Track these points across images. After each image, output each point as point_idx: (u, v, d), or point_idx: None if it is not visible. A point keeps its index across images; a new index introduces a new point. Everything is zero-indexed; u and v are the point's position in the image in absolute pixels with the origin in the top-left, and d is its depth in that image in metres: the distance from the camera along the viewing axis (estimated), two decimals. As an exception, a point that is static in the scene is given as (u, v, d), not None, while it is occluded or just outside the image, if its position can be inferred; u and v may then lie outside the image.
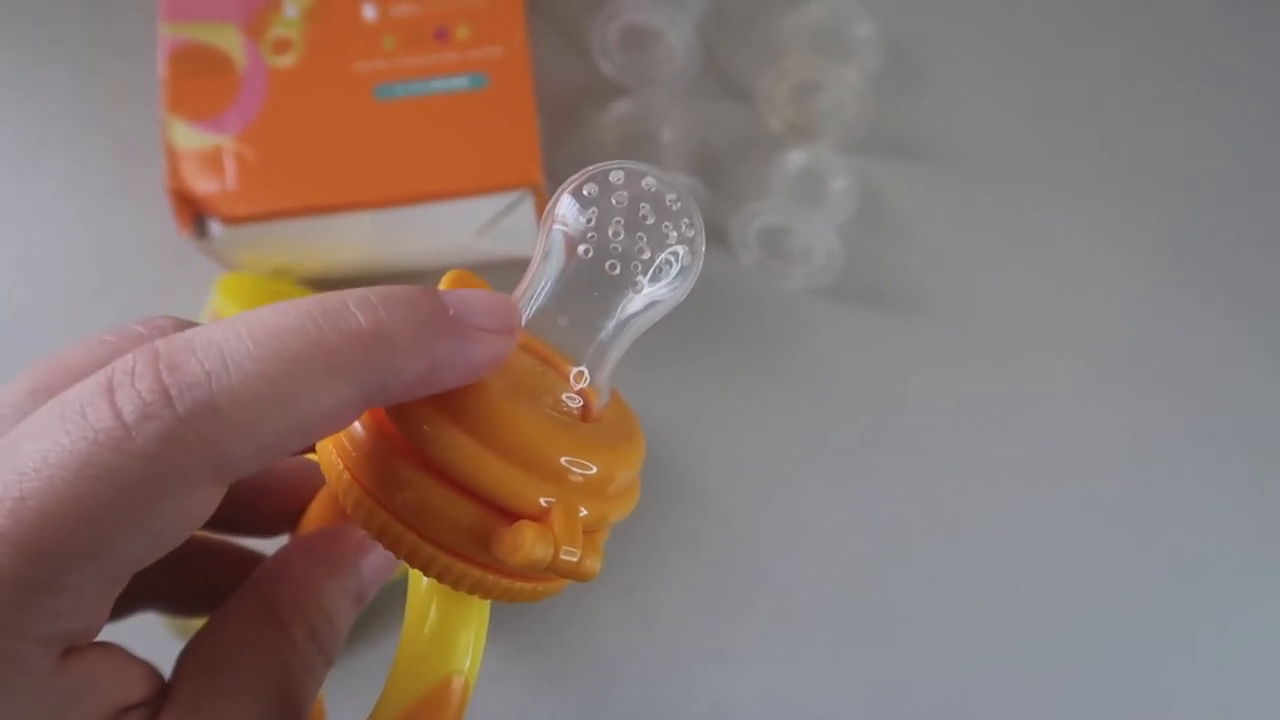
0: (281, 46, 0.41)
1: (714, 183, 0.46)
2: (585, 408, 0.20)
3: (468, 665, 0.20)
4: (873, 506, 0.44)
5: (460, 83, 0.41)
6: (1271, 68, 0.49)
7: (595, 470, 0.19)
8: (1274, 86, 0.49)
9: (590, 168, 0.20)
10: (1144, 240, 0.47)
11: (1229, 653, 0.43)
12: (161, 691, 0.18)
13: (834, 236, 0.44)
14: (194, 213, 0.40)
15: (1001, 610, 0.43)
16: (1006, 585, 0.43)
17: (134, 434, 0.15)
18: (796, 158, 0.46)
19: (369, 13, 0.42)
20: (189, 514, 0.16)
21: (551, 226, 0.20)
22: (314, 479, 0.23)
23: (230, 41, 0.41)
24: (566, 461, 0.18)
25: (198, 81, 0.41)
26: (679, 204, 0.20)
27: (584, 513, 0.18)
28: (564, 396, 0.20)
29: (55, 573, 0.15)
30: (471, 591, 0.19)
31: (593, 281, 0.20)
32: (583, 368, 0.20)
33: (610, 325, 0.20)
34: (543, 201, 0.41)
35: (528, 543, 0.17)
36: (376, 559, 0.21)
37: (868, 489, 0.44)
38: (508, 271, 0.46)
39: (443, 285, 0.20)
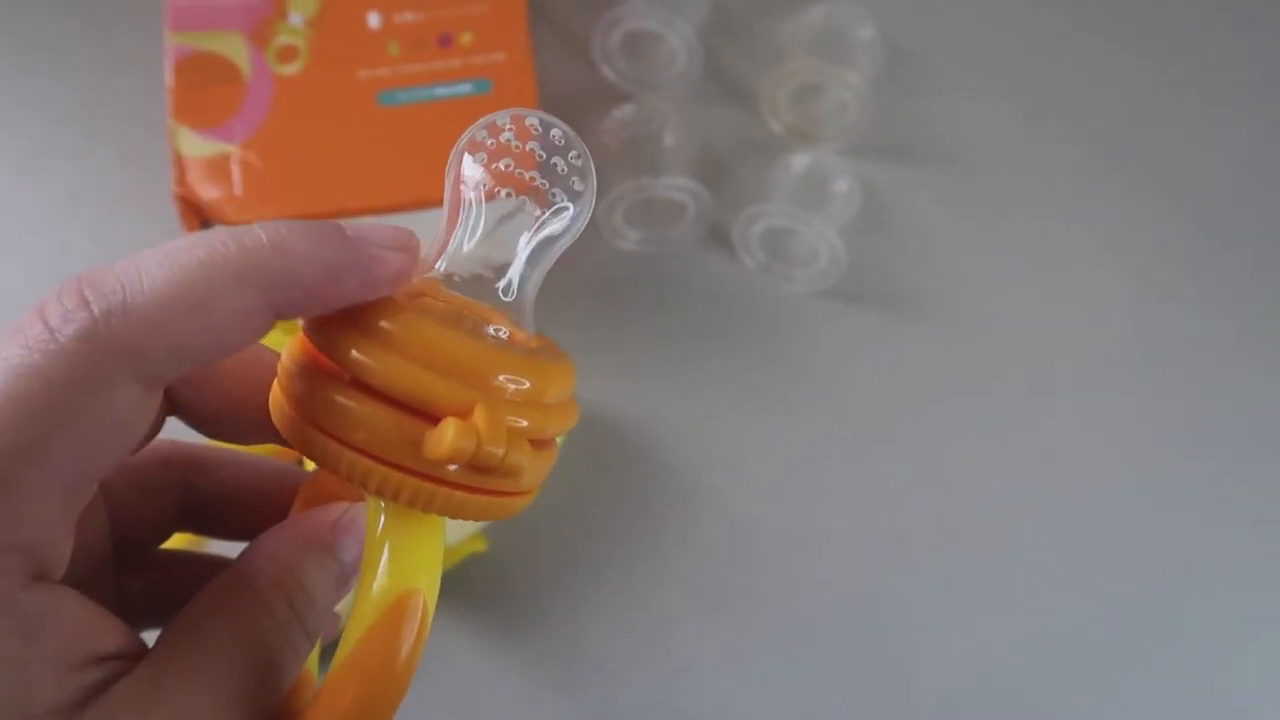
0: (287, 54, 0.42)
1: (716, 187, 0.46)
2: (511, 337, 0.21)
3: (423, 583, 0.20)
4: (877, 509, 0.44)
5: (464, 89, 0.41)
6: (1271, 72, 0.49)
7: (527, 384, 0.20)
8: (1274, 91, 0.49)
9: (481, 119, 0.21)
10: (1145, 241, 0.47)
11: (1235, 654, 0.43)
12: (138, 652, 0.19)
13: (837, 239, 0.44)
14: (201, 219, 0.40)
15: (1009, 612, 0.43)
16: (1013, 586, 0.43)
17: (57, 335, 0.17)
18: (798, 161, 0.46)
19: (373, 20, 0.42)
20: (118, 414, 0.18)
21: (455, 183, 0.22)
22: (294, 479, 0.24)
23: (236, 50, 0.42)
24: (497, 376, 0.19)
25: (204, 90, 0.41)
26: (564, 139, 0.21)
27: (524, 423, 0.19)
28: (490, 328, 0.21)
29: (2, 470, 0.17)
30: (412, 503, 0.19)
31: (496, 222, 0.21)
32: (503, 307, 0.21)
33: (521, 262, 0.21)
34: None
35: (450, 435, 0.18)
36: (355, 540, 0.21)
37: (872, 491, 0.44)
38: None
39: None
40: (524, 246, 0.22)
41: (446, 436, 0.18)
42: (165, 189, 0.41)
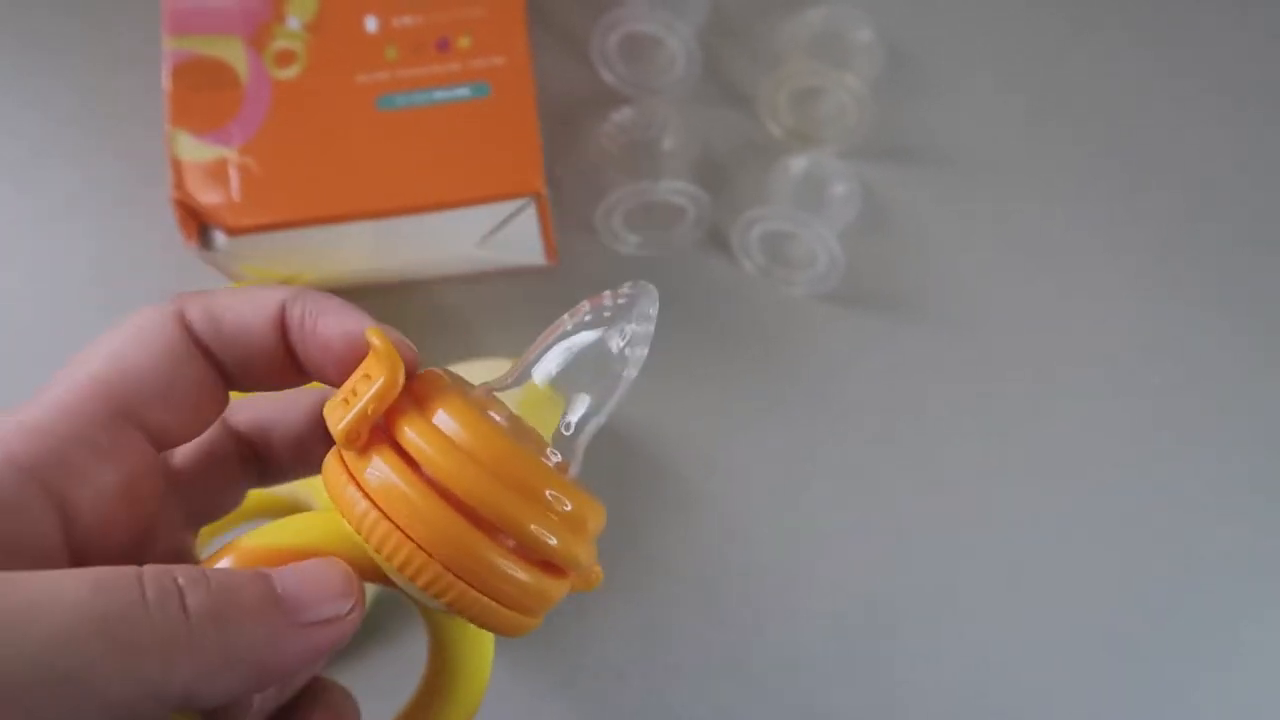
0: (284, 58, 0.42)
1: (715, 190, 0.46)
2: (560, 467, 0.22)
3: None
4: (879, 512, 0.44)
5: (462, 92, 0.41)
6: (1272, 68, 0.49)
7: (570, 507, 0.21)
8: (1275, 87, 0.49)
9: (625, 289, 0.23)
10: (1146, 242, 0.47)
11: (1242, 656, 0.43)
12: None
13: (836, 242, 0.44)
14: (199, 224, 0.40)
15: (1010, 614, 0.43)
16: (1014, 589, 0.43)
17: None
18: (798, 164, 0.46)
19: (371, 24, 0.42)
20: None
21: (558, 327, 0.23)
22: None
23: (234, 54, 0.42)
24: (546, 491, 0.21)
25: (202, 94, 0.41)
26: (652, 308, 0.23)
27: (553, 541, 0.21)
28: (547, 451, 0.22)
29: None
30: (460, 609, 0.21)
31: (574, 359, 0.23)
32: (557, 450, 0.23)
33: (591, 408, 0.23)
34: (545, 210, 0.41)
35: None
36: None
37: (873, 495, 0.44)
38: (509, 280, 0.46)
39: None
40: (595, 387, 0.23)
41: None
42: (163, 192, 0.41)
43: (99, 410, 0.21)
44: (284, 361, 0.23)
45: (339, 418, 0.20)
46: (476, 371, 0.41)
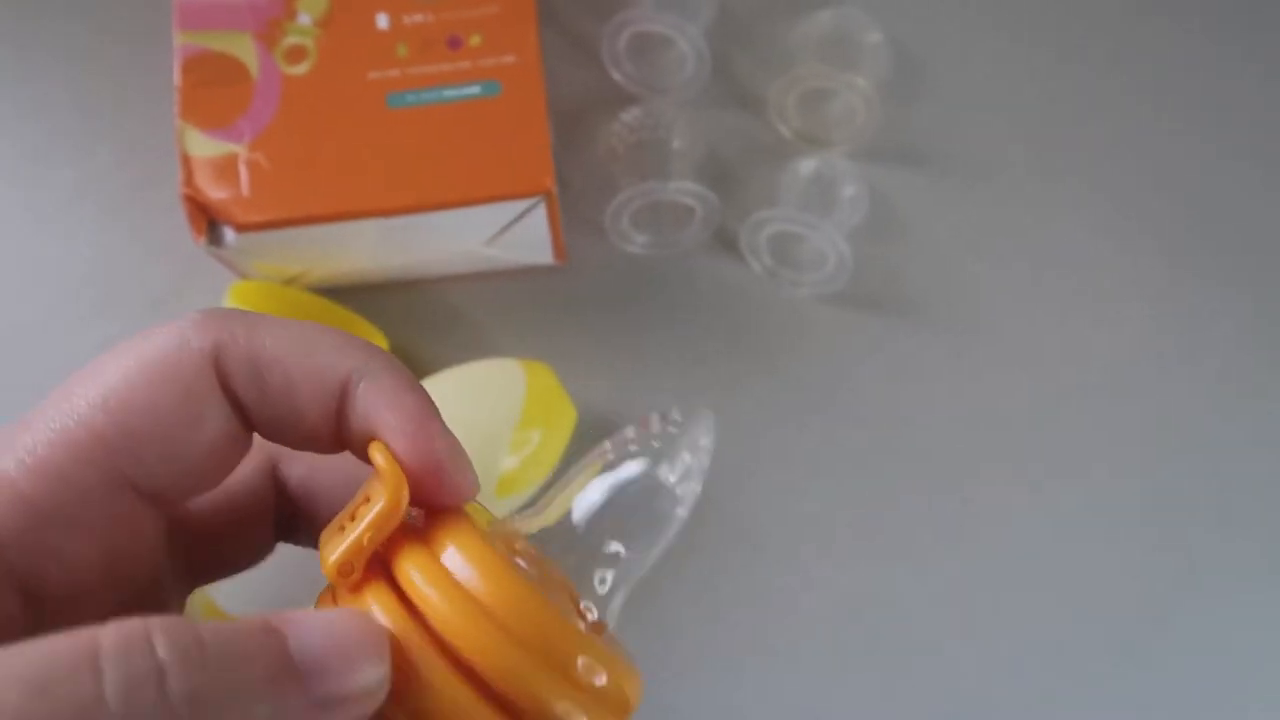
0: (295, 54, 0.41)
1: (724, 191, 0.46)
2: (594, 626, 0.19)
3: None
4: (884, 514, 0.44)
5: (473, 91, 0.41)
6: (1278, 72, 0.49)
7: (606, 680, 0.18)
8: (1282, 94, 0.49)
9: (670, 416, 0.20)
10: (1154, 245, 0.47)
11: (1244, 661, 0.43)
12: None
13: (844, 244, 0.44)
14: (208, 220, 0.40)
15: (1015, 620, 0.43)
16: (1020, 593, 0.43)
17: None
18: (806, 165, 0.46)
19: (382, 21, 0.42)
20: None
21: (608, 458, 0.20)
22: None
23: (244, 49, 0.41)
24: (579, 660, 0.17)
25: (212, 89, 0.41)
26: (705, 437, 0.20)
27: None
28: (581, 605, 0.19)
29: None
30: None
31: (621, 506, 0.20)
32: (592, 605, 0.19)
33: (636, 554, 0.20)
34: (554, 209, 0.41)
35: None
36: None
37: (878, 497, 0.44)
38: (517, 279, 0.46)
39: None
40: (646, 539, 0.20)
41: None
42: (172, 188, 0.41)
43: (88, 477, 0.17)
44: (332, 438, 0.18)
45: (333, 548, 0.17)
46: (482, 372, 0.41)
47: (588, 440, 0.41)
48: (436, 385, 0.41)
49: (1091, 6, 0.50)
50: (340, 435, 0.18)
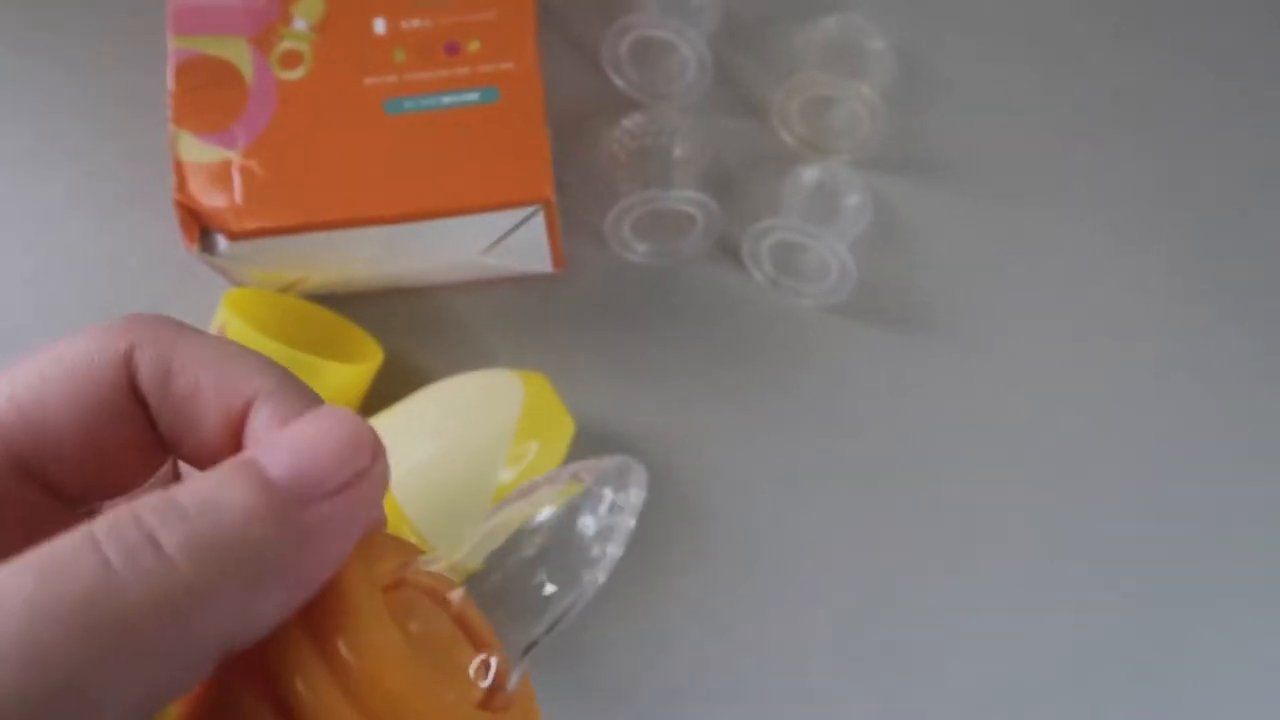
0: (290, 60, 0.41)
1: (726, 199, 0.45)
2: (494, 688, 0.18)
3: None
4: (886, 525, 0.43)
5: (471, 97, 0.40)
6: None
7: None
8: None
9: (615, 471, 0.19)
10: (1160, 254, 0.47)
11: (1246, 675, 0.42)
12: None
13: (847, 253, 0.43)
14: (201, 227, 0.40)
15: (1018, 633, 0.42)
16: (1022, 608, 0.43)
17: None
18: (809, 173, 0.45)
19: (379, 26, 0.41)
20: None
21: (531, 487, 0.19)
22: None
23: (239, 54, 0.41)
24: None
25: (206, 94, 0.41)
26: (637, 494, 0.20)
27: None
28: (472, 669, 0.18)
29: None
30: None
31: (548, 556, 0.19)
32: (492, 658, 0.18)
33: (555, 600, 0.19)
34: (553, 217, 0.40)
35: None
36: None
37: (880, 507, 0.44)
38: (515, 287, 0.46)
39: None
40: (566, 589, 0.19)
41: None
42: (166, 194, 0.40)
43: None
44: (228, 455, 0.18)
45: None
46: (479, 384, 0.41)
47: (585, 452, 0.40)
48: (433, 396, 0.40)
49: (1099, 15, 0.49)
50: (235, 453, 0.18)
